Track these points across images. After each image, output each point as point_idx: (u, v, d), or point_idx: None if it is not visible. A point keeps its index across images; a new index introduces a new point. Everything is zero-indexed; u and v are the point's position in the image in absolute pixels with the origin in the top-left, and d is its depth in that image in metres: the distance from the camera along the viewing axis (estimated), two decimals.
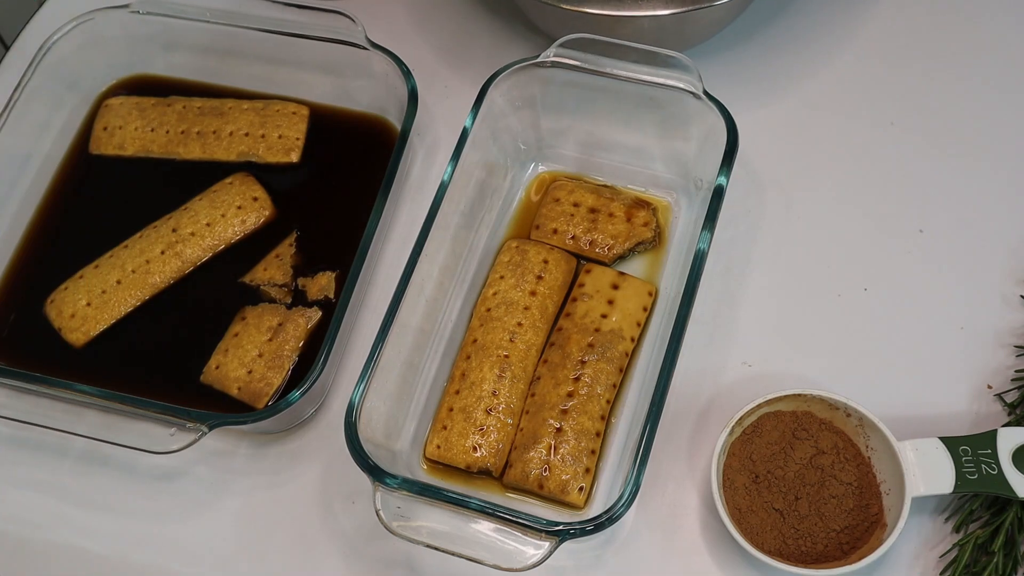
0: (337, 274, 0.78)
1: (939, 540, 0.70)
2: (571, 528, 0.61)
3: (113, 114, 0.86)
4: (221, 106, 0.85)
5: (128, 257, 0.80)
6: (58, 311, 0.78)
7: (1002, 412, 0.73)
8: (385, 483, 0.63)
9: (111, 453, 0.74)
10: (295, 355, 0.75)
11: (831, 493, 0.68)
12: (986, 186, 0.81)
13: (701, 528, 0.71)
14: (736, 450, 0.70)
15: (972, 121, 0.84)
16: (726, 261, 0.79)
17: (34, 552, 0.73)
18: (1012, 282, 0.78)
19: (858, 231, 0.80)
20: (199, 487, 0.75)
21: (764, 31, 0.89)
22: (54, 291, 0.79)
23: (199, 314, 0.79)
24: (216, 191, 0.82)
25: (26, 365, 0.74)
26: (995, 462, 0.67)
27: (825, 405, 0.70)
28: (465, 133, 0.74)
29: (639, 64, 0.74)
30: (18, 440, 0.77)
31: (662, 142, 0.79)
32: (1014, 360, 0.75)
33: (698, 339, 0.75)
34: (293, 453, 0.75)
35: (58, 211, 0.84)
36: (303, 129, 0.84)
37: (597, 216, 0.79)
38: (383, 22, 0.91)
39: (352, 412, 0.65)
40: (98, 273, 0.79)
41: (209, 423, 0.68)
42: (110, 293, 0.78)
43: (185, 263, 0.80)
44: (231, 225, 0.81)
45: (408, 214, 0.83)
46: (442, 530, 0.64)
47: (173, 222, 0.81)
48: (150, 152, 0.85)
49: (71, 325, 0.78)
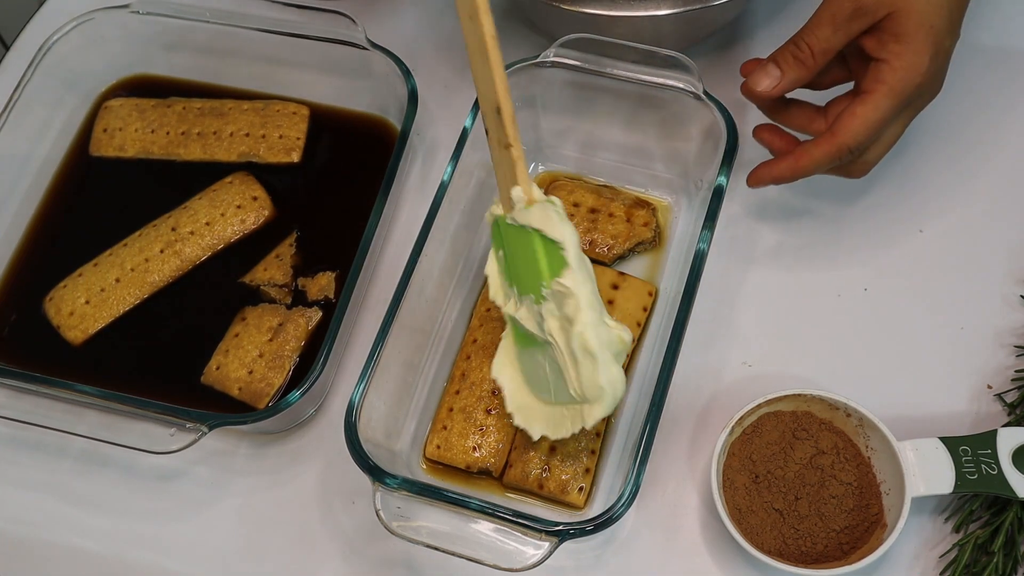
0: (337, 274, 0.78)
1: (939, 540, 0.70)
2: (571, 528, 0.61)
3: (113, 116, 0.86)
4: (221, 107, 0.85)
5: (127, 255, 0.80)
6: (57, 309, 0.78)
7: (1002, 412, 0.73)
8: (385, 483, 0.63)
9: (111, 453, 0.74)
10: (295, 355, 0.75)
11: (831, 493, 0.68)
12: (986, 186, 0.81)
13: (701, 528, 0.71)
14: (736, 450, 0.70)
15: (972, 121, 0.84)
16: (726, 261, 0.79)
17: (34, 552, 0.73)
18: (1012, 282, 0.78)
19: (858, 231, 0.80)
20: (199, 487, 0.75)
21: (764, 31, 0.89)
22: (53, 289, 0.79)
23: (199, 314, 0.79)
24: (216, 190, 0.82)
25: (26, 365, 0.74)
26: (995, 462, 0.67)
27: (825, 405, 0.70)
28: (465, 133, 0.74)
29: (639, 64, 0.74)
30: (18, 440, 0.77)
31: (662, 142, 0.79)
32: (1014, 360, 0.75)
33: (698, 339, 0.75)
34: (293, 453, 0.75)
35: (58, 212, 0.84)
36: (303, 129, 0.85)
37: (597, 216, 0.79)
38: (383, 22, 0.91)
39: (352, 412, 0.65)
40: (97, 271, 0.79)
41: (209, 423, 0.68)
42: (109, 291, 0.78)
43: (184, 262, 0.80)
44: (230, 224, 0.81)
45: (408, 214, 0.83)
46: (442, 530, 0.64)
47: (172, 221, 0.81)
48: (150, 153, 0.85)
49: (70, 323, 0.78)
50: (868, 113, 0.66)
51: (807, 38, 0.67)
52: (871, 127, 0.66)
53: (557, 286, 0.61)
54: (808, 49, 0.67)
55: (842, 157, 0.68)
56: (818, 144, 0.68)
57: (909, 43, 0.64)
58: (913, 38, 0.64)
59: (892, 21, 0.64)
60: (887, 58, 0.65)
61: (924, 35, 0.64)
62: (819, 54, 0.67)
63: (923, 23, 0.64)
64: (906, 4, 0.63)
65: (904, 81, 0.65)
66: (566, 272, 0.60)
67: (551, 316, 0.62)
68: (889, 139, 0.69)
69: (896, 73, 0.65)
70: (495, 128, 0.62)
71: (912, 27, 0.64)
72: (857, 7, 0.65)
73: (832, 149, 0.67)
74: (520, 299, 0.64)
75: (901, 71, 0.65)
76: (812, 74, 0.69)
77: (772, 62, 0.69)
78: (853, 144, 0.67)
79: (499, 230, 0.65)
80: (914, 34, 0.64)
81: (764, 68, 0.69)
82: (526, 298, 0.64)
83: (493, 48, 0.60)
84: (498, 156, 0.63)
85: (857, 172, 0.71)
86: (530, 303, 0.63)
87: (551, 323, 0.62)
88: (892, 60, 0.65)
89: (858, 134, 0.66)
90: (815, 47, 0.67)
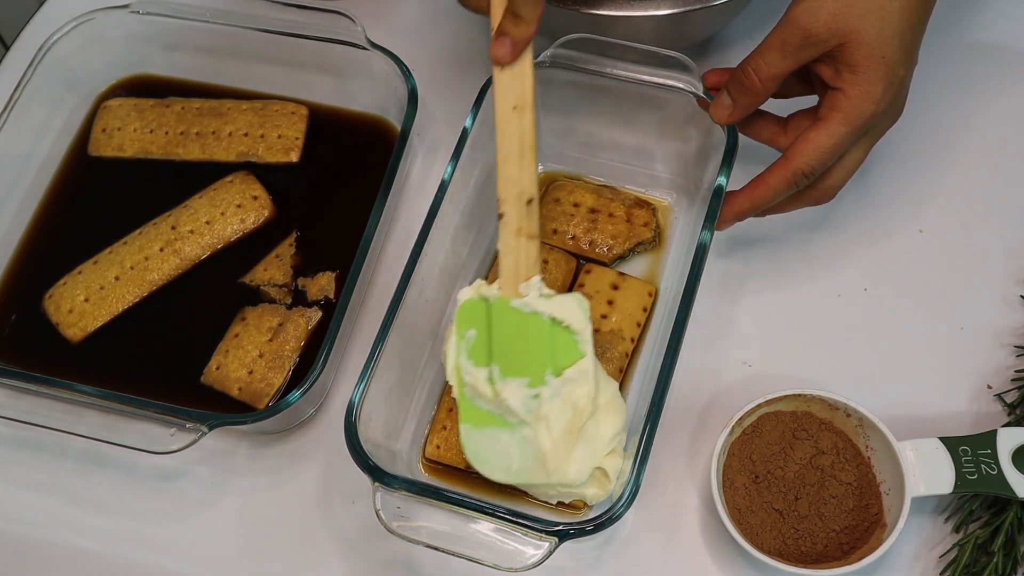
0: (337, 274, 0.78)
1: (939, 540, 0.70)
2: (571, 528, 0.61)
3: (112, 115, 0.86)
4: (220, 106, 0.85)
5: (127, 254, 0.80)
6: (56, 306, 0.78)
7: (1002, 412, 0.73)
8: (385, 483, 0.63)
9: (111, 453, 0.74)
10: (295, 355, 0.75)
11: (831, 493, 0.68)
12: (986, 186, 0.81)
13: (701, 528, 0.71)
14: (736, 450, 0.70)
15: (972, 121, 0.84)
16: (726, 261, 0.79)
17: (34, 552, 0.73)
18: (1012, 282, 0.78)
19: (858, 231, 0.80)
20: (199, 487, 0.75)
21: (764, 31, 0.88)
22: (52, 286, 0.79)
23: (199, 314, 0.79)
24: (216, 189, 0.82)
25: (26, 365, 0.74)
26: (995, 462, 0.67)
27: (825, 405, 0.70)
28: (465, 133, 0.74)
29: (639, 64, 0.74)
30: (18, 440, 0.77)
31: (662, 142, 0.79)
32: (1014, 360, 0.75)
33: (698, 339, 0.75)
34: (293, 453, 0.75)
35: (58, 212, 0.84)
36: (302, 129, 0.84)
37: (597, 216, 0.79)
38: (383, 22, 0.91)
39: (352, 412, 0.65)
40: (97, 269, 0.79)
41: (209, 423, 0.68)
42: (108, 289, 0.78)
43: (183, 261, 0.80)
44: (230, 224, 0.81)
45: (408, 214, 0.83)
46: (442, 530, 0.64)
47: (172, 219, 0.81)
48: (149, 153, 0.85)
49: (68, 320, 0.78)
50: (822, 140, 0.66)
51: (753, 64, 0.68)
52: (824, 153, 0.67)
53: (573, 373, 0.61)
54: (754, 75, 0.68)
55: (798, 182, 0.69)
56: (772, 171, 0.69)
57: (862, 73, 0.65)
58: (865, 68, 0.65)
59: (845, 52, 0.65)
60: (842, 87, 0.66)
61: (876, 66, 0.65)
62: (766, 80, 0.68)
63: (874, 54, 0.64)
64: (856, 36, 0.64)
65: (859, 110, 0.66)
66: (582, 361, 0.62)
67: (554, 399, 0.61)
68: (850, 165, 0.70)
69: (851, 102, 0.66)
70: (519, 218, 0.63)
71: (864, 58, 0.65)
72: (806, 36, 0.65)
73: (787, 175, 0.68)
74: (501, 379, 0.63)
75: (856, 99, 0.65)
76: (762, 99, 0.70)
77: (724, 91, 0.70)
78: (807, 169, 0.68)
79: (483, 311, 0.64)
80: (866, 64, 0.65)
81: (719, 98, 0.70)
82: (513, 380, 0.63)
83: (534, 142, 0.62)
84: (513, 243, 0.63)
85: (823, 198, 0.72)
86: (520, 385, 0.62)
87: (551, 405, 0.61)
88: (847, 89, 0.66)
89: (811, 159, 0.67)
90: (762, 73, 0.68)
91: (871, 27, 0.64)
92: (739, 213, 0.71)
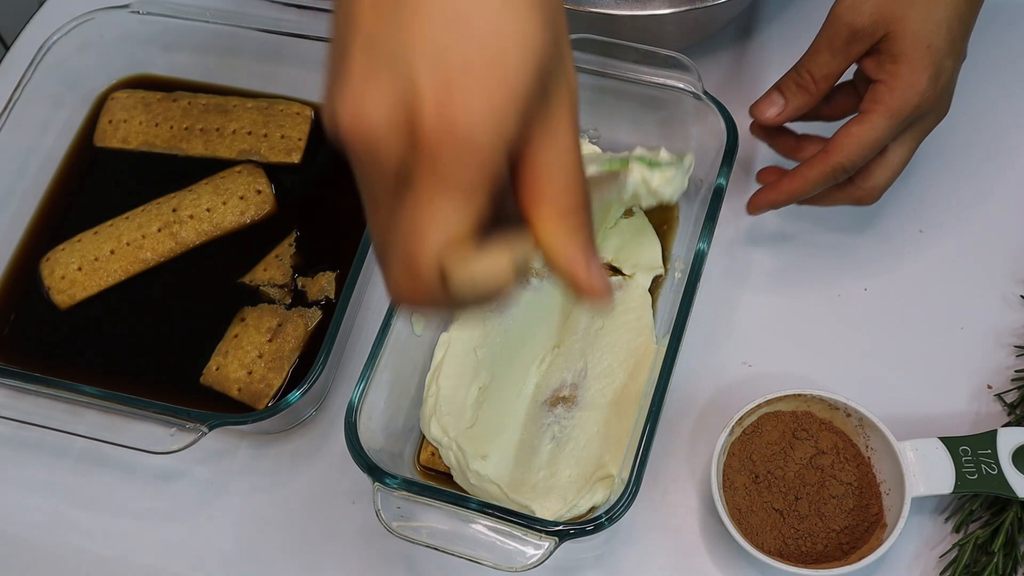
0: (337, 274, 0.78)
1: (939, 540, 0.70)
2: (571, 528, 0.61)
3: (119, 107, 0.86)
4: (226, 103, 0.85)
5: (126, 229, 0.80)
6: (50, 270, 0.79)
7: (1002, 412, 0.73)
8: (385, 483, 0.63)
9: (111, 453, 0.74)
10: (295, 356, 0.75)
11: (831, 493, 0.68)
12: (986, 186, 0.81)
13: (701, 528, 0.71)
14: (736, 450, 0.70)
15: (972, 120, 0.84)
16: (726, 261, 0.79)
17: (34, 552, 0.73)
18: (1012, 282, 0.78)
19: (858, 231, 0.80)
20: (199, 487, 0.75)
21: (764, 31, 0.89)
22: (52, 250, 0.80)
23: (199, 315, 0.79)
24: (224, 177, 0.82)
25: (26, 365, 0.74)
26: (995, 462, 0.67)
27: (825, 405, 0.70)
28: None
29: (639, 64, 0.74)
30: (18, 440, 0.77)
31: (662, 142, 0.79)
32: (1014, 360, 0.75)
33: (698, 339, 0.75)
34: (293, 453, 0.75)
35: (59, 211, 0.84)
36: (306, 130, 0.84)
37: None
38: None
39: (352, 412, 0.65)
40: (96, 240, 0.80)
41: (209, 423, 0.68)
42: (102, 261, 0.79)
43: (179, 244, 0.80)
44: (230, 214, 0.81)
45: None
46: (442, 530, 0.64)
47: (176, 201, 0.81)
48: (153, 147, 0.85)
49: (60, 286, 0.79)
50: (863, 132, 0.65)
51: (807, 65, 0.67)
52: (865, 146, 0.66)
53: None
54: (809, 76, 0.67)
55: (836, 176, 0.68)
56: (811, 164, 0.68)
57: (906, 63, 0.64)
58: (910, 58, 0.63)
59: (889, 42, 0.64)
60: (884, 78, 0.65)
61: (922, 55, 0.63)
62: (820, 80, 0.67)
63: (920, 43, 0.63)
64: (902, 25, 0.63)
65: (901, 100, 0.64)
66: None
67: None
68: (896, 164, 0.69)
69: (893, 93, 0.64)
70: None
71: (909, 47, 0.63)
72: (853, 31, 0.64)
73: (826, 168, 0.67)
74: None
75: (898, 91, 0.64)
76: (816, 100, 0.69)
77: (776, 90, 0.69)
78: (847, 163, 0.66)
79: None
80: (911, 54, 0.63)
81: (768, 97, 0.70)
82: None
83: None
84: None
85: (866, 199, 0.71)
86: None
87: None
88: (889, 80, 0.64)
89: (851, 153, 0.66)
90: (816, 73, 0.67)
91: (916, 15, 0.63)
92: (773, 202, 0.71)
